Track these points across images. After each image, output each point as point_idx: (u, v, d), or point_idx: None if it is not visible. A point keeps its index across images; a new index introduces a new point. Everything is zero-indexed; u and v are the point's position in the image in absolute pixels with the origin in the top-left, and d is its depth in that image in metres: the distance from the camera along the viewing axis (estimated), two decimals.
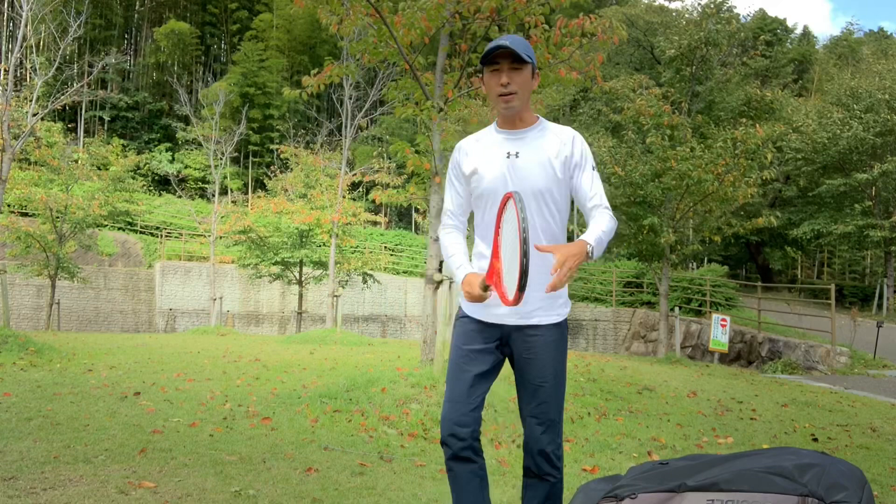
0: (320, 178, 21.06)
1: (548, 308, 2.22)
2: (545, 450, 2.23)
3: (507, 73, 2.16)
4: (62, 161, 20.11)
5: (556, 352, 2.24)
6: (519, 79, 2.17)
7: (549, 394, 2.23)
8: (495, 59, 2.17)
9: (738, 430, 5.79)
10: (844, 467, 2.02)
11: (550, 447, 2.23)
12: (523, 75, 2.18)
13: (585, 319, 21.23)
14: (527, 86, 2.20)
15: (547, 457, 2.23)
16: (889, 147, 24.69)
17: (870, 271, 36.29)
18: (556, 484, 2.27)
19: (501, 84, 2.17)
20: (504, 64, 2.16)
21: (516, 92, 2.17)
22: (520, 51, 2.13)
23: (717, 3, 24.13)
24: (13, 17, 11.49)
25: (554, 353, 2.24)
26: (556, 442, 2.25)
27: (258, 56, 40.00)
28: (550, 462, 2.23)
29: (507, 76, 2.16)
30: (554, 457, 2.24)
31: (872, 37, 48.83)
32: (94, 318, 23.91)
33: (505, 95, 2.18)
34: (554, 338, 2.24)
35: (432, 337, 6.71)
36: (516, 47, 2.13)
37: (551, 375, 2.24)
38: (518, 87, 2.17)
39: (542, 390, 2.23)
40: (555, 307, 2.24)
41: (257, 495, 3.15)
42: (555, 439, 2.25)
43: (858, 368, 12.93)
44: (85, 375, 6.93)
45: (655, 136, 14.95)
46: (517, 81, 2.17)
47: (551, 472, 2.24)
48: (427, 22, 6.53)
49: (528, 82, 2.20)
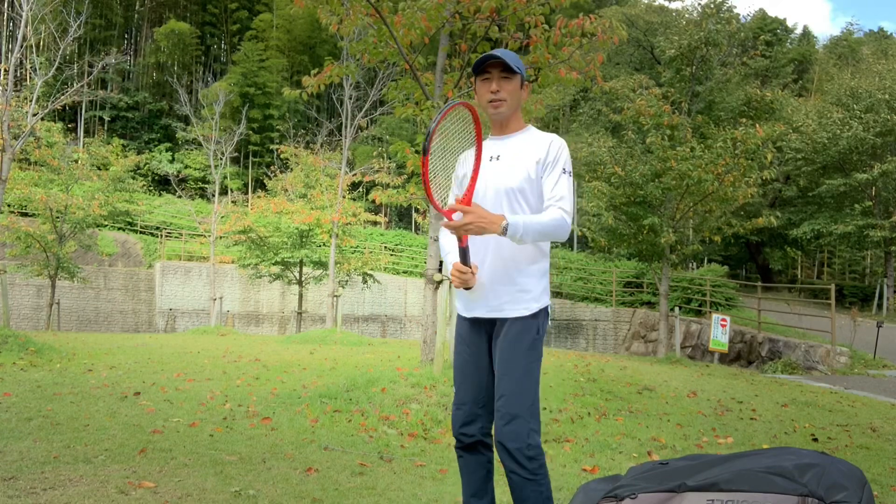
0: (320, 178, 21.06)
1: (515, 301, 2.31)
2: (504, 443, 2.21)
3: (496, 82, 2.34)
4: (62, 161, 20.11)
5: (519, 344, 2.28)
6: (508, 87, 2.34)
7: (511, 386, 2.24)
8: (486, 69, 2.35)
9: (738, 430, 5.79)
10: (844, 467, 2.02)
11: (512, 443, 2.19)
12: (512, 84, 2.34)
13: (585, 319, 21.23)
14: (515, 95, 2.36)
15: (508, 451, 2.20)
16: (889, 147, 24.69)
17: (870, 271, 36.29)
18: (528, 483, 2.21)
19: (491, 91, 2.34)
20: (494, 73, 2.34)
21: (505, 99, 2.34)
22: (509, 61, 2.30)
23: (717, 3, 24.14)
24: (13, 17, 11.49)
25: (517, 344, 2.28)
26: (521, 438, 2.20)
27: (258, 56, 39.99)
28: (513, 458, 2.19)
29: (497, 84, 2.33)
30: (518, 453, 2.19)
31: (872, 37, 48.83)
32: (94, 318, 23.91)
33: (494, 102, 2.34)
34: (519, 330, 2.29)
35: (432, 337, 6.71)
36: (506, 56, 2.31)
37: (514, 367, 2.26)
38: (507, 94, 2.34)
39: (504, 381, 2.27)
40: (523, 301, 2.31)
41: (257, 495, 3.15)
42: (518, 434, 2.20)
43: (858, 368, 12.93)
44: (85, 375, 6.93)
45: (655, 136, 14.95)
46: (506, 89, 2.34)
47: (515, 469, 2.20)
48: (427, 22, 6.54)
49: (517, 92, 2.37)
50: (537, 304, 2.32)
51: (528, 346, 2.29)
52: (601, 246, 18.22)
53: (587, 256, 27.79)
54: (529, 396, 2.25)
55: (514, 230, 2.17)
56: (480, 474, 2.40)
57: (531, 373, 2.27)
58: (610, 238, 16.70)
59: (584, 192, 18.36)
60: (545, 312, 2.36)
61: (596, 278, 23.62)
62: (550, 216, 2.25)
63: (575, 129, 33.30)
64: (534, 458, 2.20)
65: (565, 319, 21.32)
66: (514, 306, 2.32)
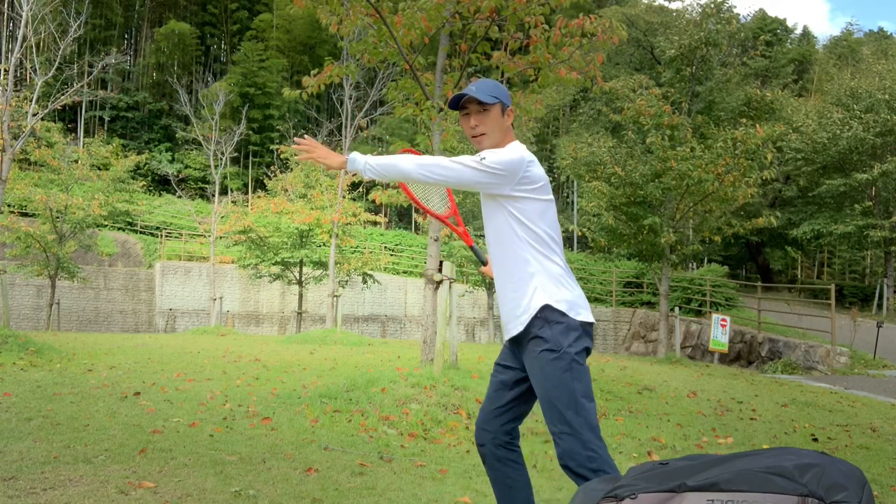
0: (320, 178, 21.05)
1: (513, 319, 2.30)
2: (563, 463, 2.17)
3: (474, 116, 2.36)
4: (62, 161, 20.10)
5: (536, 367, 2.22)
6: (487, 119, 2.35)
7: (542, 404, 2.22)
8: (464, 105, 2.37)
9: (738, 430, 5.79)
10: (844, 467, 2.02)
11: (570, 461, 2.14)
12: (491, 115, 2.35)
13: None
14: (495, 123, 2.36)
15: (572, 471, 2.15)
16: (889, 147, 24.68)
17: (870, 271, 36.29)
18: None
19: (471, 127, 2.37)
20: (472, 108, 2.36)
21: (485, 133, 2.36)
22: (482, 94, 2.31)
23: (717, 3, 24.11)
24: (13, 17, 11.49)
25: (532, 361, 2.23)
26: (572, 453, 2.13)
27: (258, 56, 39.98)
28: (580, 477, 2.12)
29: (476, 119, 2.36)
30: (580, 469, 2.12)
31: (872, 37, 48.84)
32: (94, 318, 23.91)
33: (475, 137, 2.38)
34: (532, 347, 2.23)
35: (432, 337, 6.71)
36: (479, 92, 2.32)
37: (539, 387, 2.22)
38: (486, 128, 2.35)
39: (540, 405, 2.24)
40: (518, 316, 2.27)
41: (257, 495, 3.15)
42: (569, 450, 2.14)
43: (858, 368, 12.93)
44: (85, 375, 6.93)
45: (655, 136, 14.95)
46: (485, 123, 2.35)
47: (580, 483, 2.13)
48: (427, 22, 6.54)
49: (498, 120, 2.36)
50: (526, 314, 2.23)
51: (545, 360, 2.20)
52: (601, 246, 18.22)
53: (587, 256, 27.82)
54: (563, 411, 2.15)
55: (353, 165, 2.27)
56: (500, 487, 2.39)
57: (560, 386, 2.17)
58: (610, 238, 16.70)
59: (584, 192, 18.35)
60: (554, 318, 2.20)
61: (596, 278, 23.62)
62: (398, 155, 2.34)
63: (575, 129, 33.30)
64: (598, 469, 2.13)
65: None
66: (513, 325, 2.29)
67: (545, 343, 2.19)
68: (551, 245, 2.29)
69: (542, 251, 2.28)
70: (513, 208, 2.28)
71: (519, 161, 2.24)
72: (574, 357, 2.18)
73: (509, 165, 2.23)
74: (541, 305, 2.21)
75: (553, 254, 2.29)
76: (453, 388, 5.71)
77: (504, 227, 2.30)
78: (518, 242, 2.28)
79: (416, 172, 2.24)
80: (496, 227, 2.34)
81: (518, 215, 2.28)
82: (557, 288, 2.24)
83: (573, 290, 2.28)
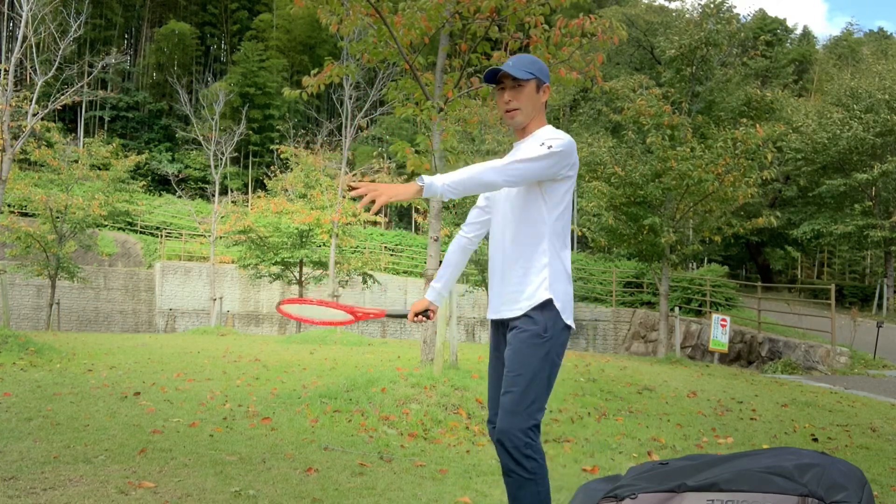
0: (320, 178, 21.04)
1: (511, 303, 2.32)
2: (501, 441, 2.20)
3: (509, 92, 2.34)
4: (62, 161, 20.10)
5: (517, 342, 2.27)
6: (521, 95, 2.33)
7: (512, 382, 2.24)
8: (500, 80, 2.35)
9: (738, 430, 5.79)
10: (844, 467, 2.02)
11: (509, 441, 2.17)
12: (525, 91, 2.33)
13: (585, 319, 21.22)
14: (531, 100, 2.35)
15: (505, 450, 2.19)
16: (889, 147, 24.68)
17: (870, 271, 36.30)
18: (526, 483, 2.17)
19: (505, 102, 2.35)
20: (507, 82, 2.34)
21: (519, 108, 2.34)
22: (517, 70, 2.29)
23: (717, 3, 24.14)
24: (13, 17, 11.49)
25: (515, 342, 2.28)
26: (518, 437, 2.17)
27: (258, 56, 39.99)
28: (511, 456, 2.17)
29: (510, 94, 2.34)
30: (517, 454, 2.16)
31: (872, 37, 48.85)
32: (94, 319, 23.91)
33: (508, 112, 2.36)
34: (520, 329, 2.28)
35: (432, 337, 6.71)
36: (514, 67, 2.30)
37: (514, 364, 2.25)
38: (520, 103, 2.34)
39: (506, 378, 2.28)
40: (518, 301, 2.30)
41: (257, 495, 3.15)
42: (511, 428, 2.17)
43: (858, 368, 12.93)
44: (85, 375, 6.93)
45: (655, 136, 14.95)
46: (519, 98, 2.33)
47: (513, 468, 2.17)
48: (427, 22, 6.54)
49: (533, 97, 2.35)
50: (529, 301, 2.27)
51: (525, 344, 2.25)
52: (601, 246, 18.22)
53: (587, 256, 27.81)
54: (525, 394, 2.21)
55: (429, 189, 2.09)
56: None
57: (534, 372, 2.22)
58: (610, 238, 16.70)
59: (584, 192, 18.35)
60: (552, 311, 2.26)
61: (596, 278, 23.62)
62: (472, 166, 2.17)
63: (575, 129, 33.28)
64: (531, 457, 2.17)
65: None
66: (509, 307, 2.33)
67: (534, 326, 2.25)
68: (565, 240, 2.34)
69: (558, 245, 2.31)
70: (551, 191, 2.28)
71: (571, 141, 2.29)
72: (553, 350, 2.26)
73: (570, 145, 2.27)
74: (544, 299, 2.26)
75: (565, 249, 2.34)
76: (453, 388, 5.71)
77: (533, 210, 2.30)
78: (542, 229, 2.29)
79: (501, 179, 2.17)
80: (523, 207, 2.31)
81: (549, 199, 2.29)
82: (562, 286, 2.31)
83: (569, 290, 2.36)
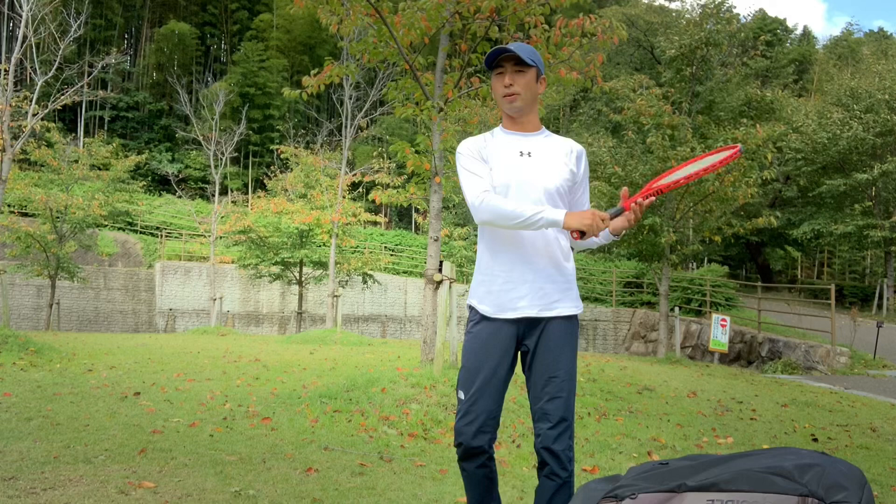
0: (320, 178, 21.05)
1: (565, 300, 2.29)
2: (552, 448, 2.20)
3: (510, 75, 2.28)
4: (62, 161, 20.11)
5: (569, 344, 2.27)
6: (522, 81, 2.28)
7: (561, 388, 2.23)
8: (500, 63, 2.30)
9: (738, 430, 5.79)
10: (844, 467, 2.02)
11: (560, 447, 2.21)
12: (526, 78, 2.29)
13: (585, 319, 21.23)
14: (530, 88, 2.30)
15: (556, 456, 2.21)
16: (889, 147, 24.68)
17: (870, 271, 36.28)
18: (565, 484, 2.24)
19: (505, 85, 2.29)
20: (508, 66, 2.29)
21: (519, 93, 2.29)
22: (522, 55, 2.24)
23: (717, 3, 24.10)
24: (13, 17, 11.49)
25: (567, 345, 2.27)
26: (568, 442, 2.23)
27: (258, 56, 39.98)
28: (560, 462, 2.21)
29: (511, 78, 2.28)
30: (564, 457, 2.22)
31: (872, 37, 48.85)
32: (94, 318, 23.90)
33: (508, 95, 2.29)
34: (569, 330, 2.28)
35: (432, 337, 6.71)
36: (519, 51, 2.25)
37: (564, 369, 2.24)
38: (521, 88, 2.28)
39: (553, 384, 2.23)
40: (571, 298, 2.30)
41: (257, 495, 3.15)
42: (566, 439, 2.23)
43: (858, 368, 12.92)
44: (85, 375, 6.93)
45: (656, 136, 14.95)
46: (520, 83, 2.28)
47: (559, 473, 2.22)
48: (427, 22, 6.53)
49: (532, 85, 2.31)
50: (579, 301, 2.35)
51: (574, 347, 2.29)
52: (601, 246, 18.18)
53: (587, 256, 27.78)
54: (572, 400, 2.27)
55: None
56: (485, 485, 2.33)
57: (575, 375, 2.27)
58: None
59: None
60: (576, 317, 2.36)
61: (596, 278, 23.62)
62: None
63: (575, 129, 33.29)
64: (572, 460, 2.24)
65: None
66: (563, 305, 2.29)
67: (574, 332, 2.30)
68: None
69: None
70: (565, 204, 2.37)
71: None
72: None
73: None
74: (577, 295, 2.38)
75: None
76: (453, 388, 5.71)
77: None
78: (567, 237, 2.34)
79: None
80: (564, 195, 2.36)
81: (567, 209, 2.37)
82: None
83: None
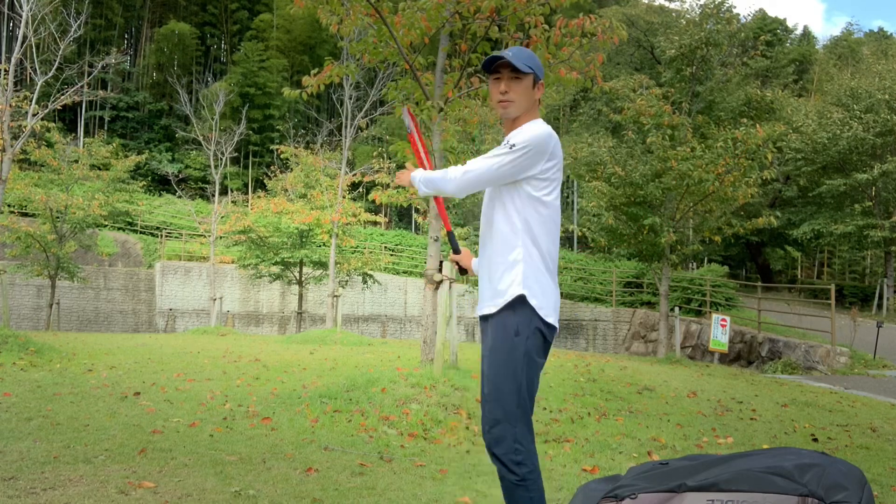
0: (320, 178, 21.04)
1: (488, 298, 2.30)
2: (490, 448, 2.19)
3: (506, 82, 2.30)
4: (62, 161, 20.11)
5: (493, 341, 2.24)
6: (518, 87, 2.30)
7: (490, 389, 2.20)
8: (497, 69, 2.32)
9: (738, 430, 5.79)
10: (844, 467, 2.02)
11: (497, 448, 2.16)
12: (523, 84, 2.30)
13: (585, 319, 21.23)
14: (525, 94, 2.31)
15: (495, 456, 2.17)
16: (889, 147, 24.68)
17: (870, 271, 36.27)
18: (517, 488, 2.15)
19: (500, 92, 2.31)
20: (504, 73, 2.30)
21: (513, 100, 2.30)
22: (518, 62, 2.25)
23: (717, 3, 24.12)
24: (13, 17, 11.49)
25: (492, 343, 2.25)
26: (506, 443, 2.15)
27: (258, 56, 39.97)
28: (501, 463, 2.16)
29: (506, 85, 2.30)
30: (505, 458, 2.14)
31: (872, 37, 48.84)
32: (94, 318, 23.90)
33: (502, 102, 2.32)
34: (495, 327, 2.25)
35: (432, 337, 6.71)
36: (515, 58, 2.26)
37: (492, 368, 2.22)
38: (516, 95, 2.30)
39: (483, 384, 2.25)
40: (493, 297, 2.27)
41: (257, 495, 3.15)
42: (502, 439, 2.16)
43: (858, 368, 12.92)
44: (85, 375, 6.93)
45: (656, 136, 14.95)
46: (515, 90, 2.30)
47: (504, 474, 2.16)
48: (427, 22, 6.54)
49: (528, 91, 2.32)
50: (501, 298, 2.23)
51: (500, 343, 2.21)
52: (601, 246, 18.21)
53: (587, 256, 27.79)
54: (507, 400, 2.17)
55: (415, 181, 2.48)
56: None
57: (512, 374, 2.18)
58: (610, 238, 16.70)
59: (584, 192, 18.36)
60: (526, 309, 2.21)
61: (596, 278, 23.62)
62: (441, 170, 2.41)
63: (575, 129, 33.31)
64: (522, 462, 2.14)
65: (565, 319, 21.31)
66: (487, 303, 2.29)
67: (508, 328, 2.21)
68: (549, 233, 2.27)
69: (532, 239, 2.25)
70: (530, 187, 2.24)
71: (548, 136, 2.23)
72: (530, 350, 2.20)
73: (538, 141, 2.21)
74: (516, 295, 2.21)
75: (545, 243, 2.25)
76: (453, 388, 5.71)
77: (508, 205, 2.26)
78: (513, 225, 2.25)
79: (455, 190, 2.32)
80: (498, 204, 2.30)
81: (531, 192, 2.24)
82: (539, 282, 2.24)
83: (550, 287, 2.27)
